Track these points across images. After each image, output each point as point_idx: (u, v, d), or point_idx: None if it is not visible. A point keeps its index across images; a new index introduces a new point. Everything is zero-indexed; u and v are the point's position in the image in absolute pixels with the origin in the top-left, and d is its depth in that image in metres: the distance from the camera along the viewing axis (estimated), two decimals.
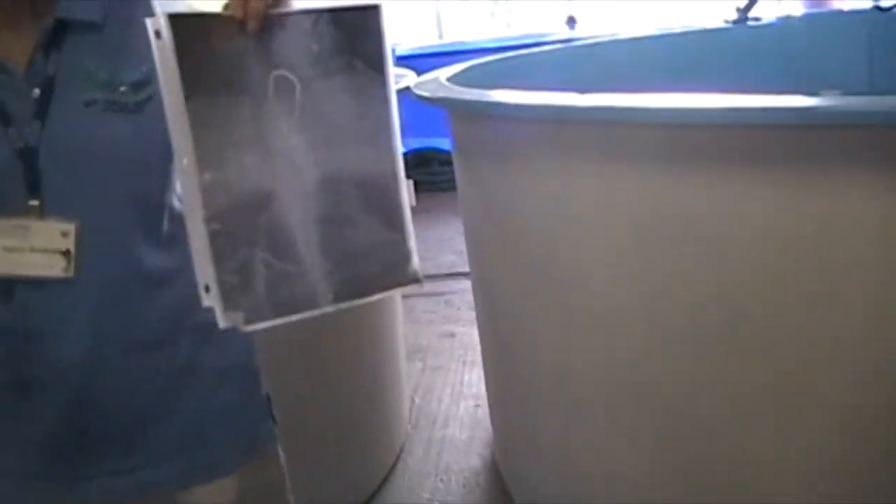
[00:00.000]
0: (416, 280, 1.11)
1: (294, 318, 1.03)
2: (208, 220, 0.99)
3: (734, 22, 4.40)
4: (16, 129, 1.19)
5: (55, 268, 1.21)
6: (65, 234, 1.20)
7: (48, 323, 1.23)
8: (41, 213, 1.20)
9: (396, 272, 1.09)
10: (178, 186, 1.31)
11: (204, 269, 0.99)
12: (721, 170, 1.53)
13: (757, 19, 4.45)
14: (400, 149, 1.10)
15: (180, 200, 1.30)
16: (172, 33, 0.96)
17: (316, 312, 1.04)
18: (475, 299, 2.85)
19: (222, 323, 1.00)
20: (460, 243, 3.63)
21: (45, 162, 1.20)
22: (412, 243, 1.10)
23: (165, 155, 1.24)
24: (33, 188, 1.20)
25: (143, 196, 1.26)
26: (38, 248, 1.20)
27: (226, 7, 1.03)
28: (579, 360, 2.01)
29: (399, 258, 1.09)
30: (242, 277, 1.00)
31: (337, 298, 1.05)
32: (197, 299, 1.15)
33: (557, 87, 1.90)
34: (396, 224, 1.09)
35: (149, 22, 0.97)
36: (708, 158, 1.54)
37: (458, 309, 4.28)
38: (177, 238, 1.27)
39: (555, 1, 7.83)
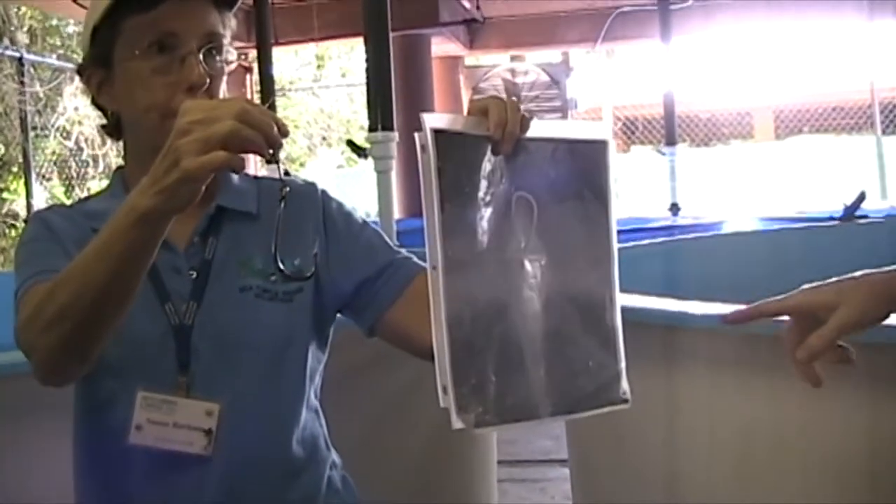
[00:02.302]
0: (624, 401, 1.12)
1: (516, 425, 1.06)
2: (451, 325, 1.01)
3: (840, 218, 4.39)
4: (172, 306, 1.24)
5: (195, 445, 1.22)
6: (209, 414, 1.22)
7: (183, 498, 1.24)
8: (188, 390, 1.23)
9: (608, 392, 1.11)
10: (316, 382, 1.35)
11: (444, 372, 1.01)
12: (832, 385, 1.52)
13: (864, 216, 4.43)
14: (617, 275, 1.14)
15: (316, 396, 1.34)
16: (435, 147, 1.02)
17: (535, 422, 1.06)
18: (573, 490, 2.82)
19: (455, 424, 1.01)
20: (557, 427, 3.58)
21: (196, 341, 1.23)
22: (623, 364, 1.12)
23: (309, 343, 1.30)
24: (183, 365, 1.23)
25: (283, 384, 1.28)
26: (181, 424, 1.22)
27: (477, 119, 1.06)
28: None
29: (610, 378, 1.11)
30: (477, 382, 1.02)
31: (555, 411, 1.07)
32: (321, 490, 1.21)
33: (663, 283, 1.93)
34: (610, 345, 1.12)
35: (417, 136, 1.02)
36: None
37: (553, 497, 4.12)
38: (309, 428, 1.31)
39: (657, 189, 7.95)
